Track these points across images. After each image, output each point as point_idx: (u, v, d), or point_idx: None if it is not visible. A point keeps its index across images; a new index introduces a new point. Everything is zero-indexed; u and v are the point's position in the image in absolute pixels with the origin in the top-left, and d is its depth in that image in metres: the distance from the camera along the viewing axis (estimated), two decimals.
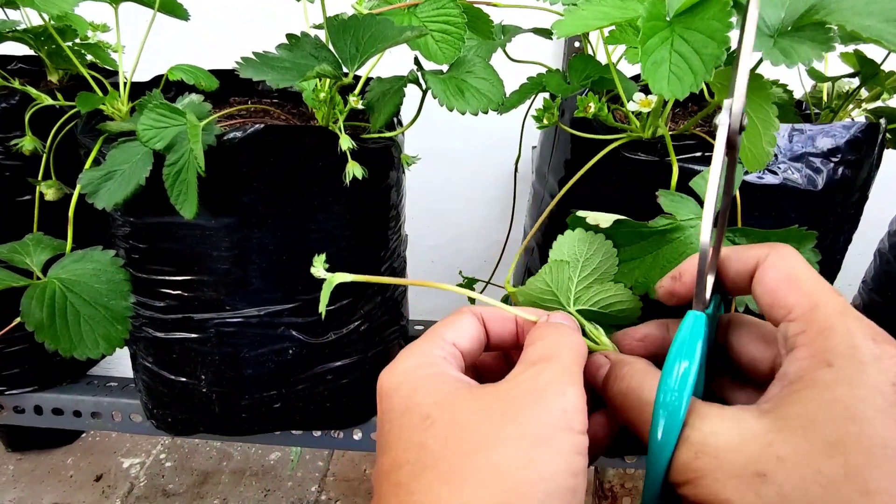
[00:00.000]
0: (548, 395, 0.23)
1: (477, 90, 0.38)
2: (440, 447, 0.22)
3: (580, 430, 0.22)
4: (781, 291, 0.23)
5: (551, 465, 0.21)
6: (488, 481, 0.21)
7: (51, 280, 0.40)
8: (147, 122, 0.39)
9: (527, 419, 0.22)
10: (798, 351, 0.21)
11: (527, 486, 0.21)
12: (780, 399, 0.21)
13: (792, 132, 0.41)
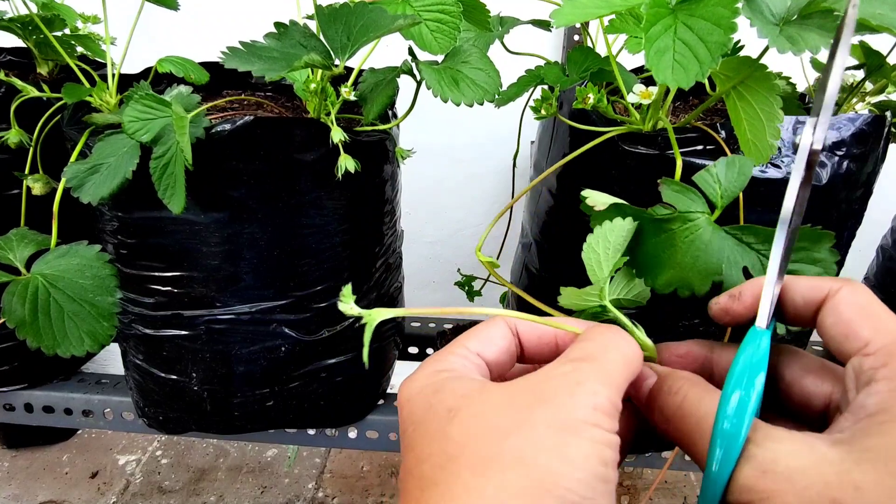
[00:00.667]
0: (579, 390, 0.22)
1: (472, 81, 0.37)
2: (465, 436, 0.22)
3: (609, 430, 0.22)
4: (857, 324, 0.23)
5: (581, 450, 0.21)
6: (516, 466, 0.20)
7: (34, 276, 0.39)
8: (133, 113, 0.38)
9: (556, 407, 0.22)
10: (878, 384, 0.21)
11: (557, 470, 0.20)
12: (858, 430, 0.20)
13: (796, 125, 0.40)
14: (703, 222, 0.34)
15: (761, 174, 0.39)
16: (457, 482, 0.21)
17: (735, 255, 0.35)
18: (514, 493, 0.20)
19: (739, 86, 0.36)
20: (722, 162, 0.36)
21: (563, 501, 0.20)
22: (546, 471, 0.20)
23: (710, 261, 0.32)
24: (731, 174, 0.36)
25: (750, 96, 0.35)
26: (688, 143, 0.40)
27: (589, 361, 0.24)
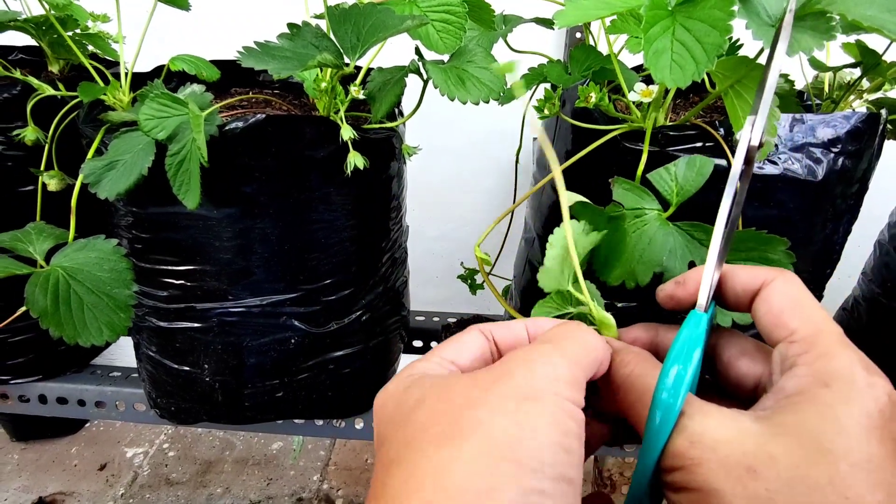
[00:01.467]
0: (538, 363, 0.23)
1: (478, 79, 0.38)
2: (429, 417, 0.22)
3: (570, 399, 0.22)
4: (787, 314, 0.25)
5: (541, 419, 0.21)
6: (474, 435, 0.21)
7: (54, 268, 0.40)
8: (149, 111, 0.39)
9: (516, 380, 0.22)
10: (798, 369, 0.23)
11: (515, 436, 0.21)
12: (778, 408, 0.22)
13: (793, 122, 0.41)
14: (651, 218, 0.36)
15: (758, 170, 0.40)
16: (418, 457, 0.21)
17: (684, 251, 0.37)
18: (471, 459, 0.20)
19: (737, 84, 0.37)
20: (683, 160, 0.38)
21: (521, 468, 0.20)
22: (504, 438, 0.21)
23: (654, 254, 0.34)
24: (689, 173, 0.37)
25: (747, 94, 0.37)
26: (687, 140, 0.41)
27: (548, 342, 0.25)
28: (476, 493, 0.19)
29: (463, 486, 0.20)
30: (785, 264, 0.36)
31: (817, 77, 0.57)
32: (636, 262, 0.34)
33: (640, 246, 0.34)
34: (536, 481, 0.20)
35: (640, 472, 0.24)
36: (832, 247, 0.47)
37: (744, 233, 0.36)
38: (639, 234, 0.35)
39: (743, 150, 0.26)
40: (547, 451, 0.21)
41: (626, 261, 0.34)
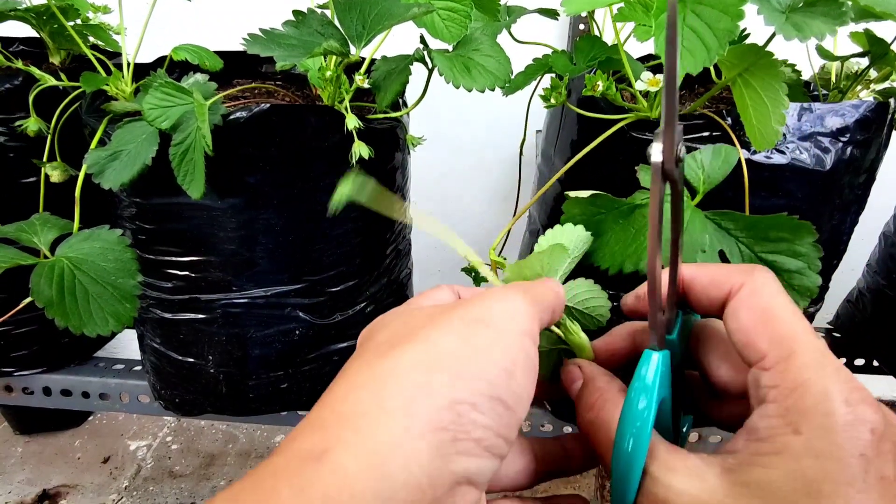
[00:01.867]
0: (496, 296, 0.23)
1: (483, 67, 0.38)
2: (386, 337, 0.23)
3: (523, 331, 0.22)
4: (755, 333, 0.22)
5: (486, 340, 0.21)
6: (421, 346, 0.21)
7: (59, 258, 0.40)
8: (152, 101, 0.39)
9: (471, 308, 0.23)
10: (768, 407, 0.21)
11: (455, 351, 0.21)
12: (745, 459, 0.21)
13: (801, 111, 0.41)
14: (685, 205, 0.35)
15: (766, 160, 0.40)
16: (363, 366, 0.21)
17: (713, 239, 0.36)
18: (410, 365, 0.20)
19: (745, 73, 0.37)
20: (708, 149, 0.37)
21: (457, 378, 0.20)
22: (447, 351, 0.21)
23: (696, 238, 0.34)
24: (715, 161, 0.37)
25: (755, 83, 0.36)
26: (694, 129, 0.41)
27: (510, 287, 0.25)
28: (405, 398, 0.19)
29: (394, 391, 0.20)
30: (813, 259, 0.36)
31: (824, 67, 0.57)
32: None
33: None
34: (468, 394, 0.20)
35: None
36: (839, 237, 0.46)
37: (772, 218, 0.35)
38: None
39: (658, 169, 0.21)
40: (486, 369, 0.21)
41: (668, 244, 0.33)
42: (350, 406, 0.20)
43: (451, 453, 0.19)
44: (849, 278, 0.72)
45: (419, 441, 0.19)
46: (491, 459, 0.20)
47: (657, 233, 0.22)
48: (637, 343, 0.29)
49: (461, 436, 0.19)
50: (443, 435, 0.19)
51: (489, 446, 0.20)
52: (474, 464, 0.20)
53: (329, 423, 0.20)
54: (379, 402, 0.20)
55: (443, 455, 0.19)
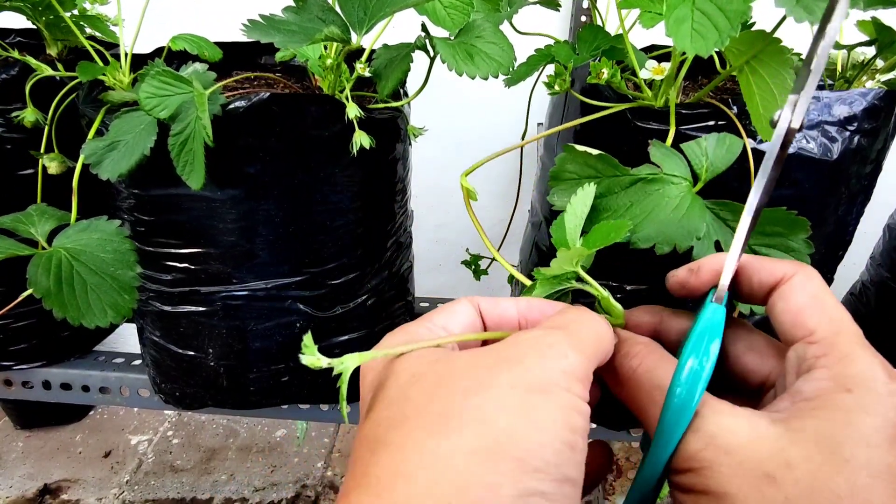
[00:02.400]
0: (549, 353, 0.22)
1: (486, 55, 0.37)
2: (424, 398, 0.20)
3: (580, 396, 0.21)
4: (806, 313, 0.24)
5: (548, 413, 0.20)
6: (474, 426, 0.19)
7: (56, 249, 0.40)
8: (150, 89, 0.39)
9: (524, 369, 0.21)
10: (817, 372, 0.22)
11: (518, 432, 0.19)
12: (795, 412, 0.21)
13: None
14: (685, 188, 0.35)
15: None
16: (409, 442, 0.19)
17: (710, 229, 0.36)
18: (468, 452, 0.18)
19: (752, 60, 0.36)
20: (713, 137, 0.37)
21: (524, 466, 0.18)
22: (507, 432, 0.19)
23: (694, 222, 0.33)
24: (720, 150, 0.37)
25: (763, 70, 0.36)
26: (699, 118, 0.40)
27: (560, 329, 0.23)
28: (471, 491, 0.18)
29: (457, 481, 0.18)
30: (803, 255, 0.36)
31: (829, 57, 0.56)
32: (675, 227, 0.33)
33: (679, 212, 0.33)
34: (537, 482, 0.18)
35: (649, 470, 0.23)
36: (845, 228, 0.46)
37: (772, 212, 0.35)
38: (677, 198, 0.34)
39: (782, 132, 0.24)
40: (551, 450, 0.19)
41: (665, 223, 0.33)
42: (405, 499, 0.18)
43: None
44: (852, 272, 0.72)
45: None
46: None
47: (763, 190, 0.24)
48: (663, 322, 0.29)
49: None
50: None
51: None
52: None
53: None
54: (439, 496, 0.18)
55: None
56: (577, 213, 0.33)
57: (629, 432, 0.57)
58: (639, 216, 0.33)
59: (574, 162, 0.36)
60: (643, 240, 0.33)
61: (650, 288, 0.46)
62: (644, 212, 0.33)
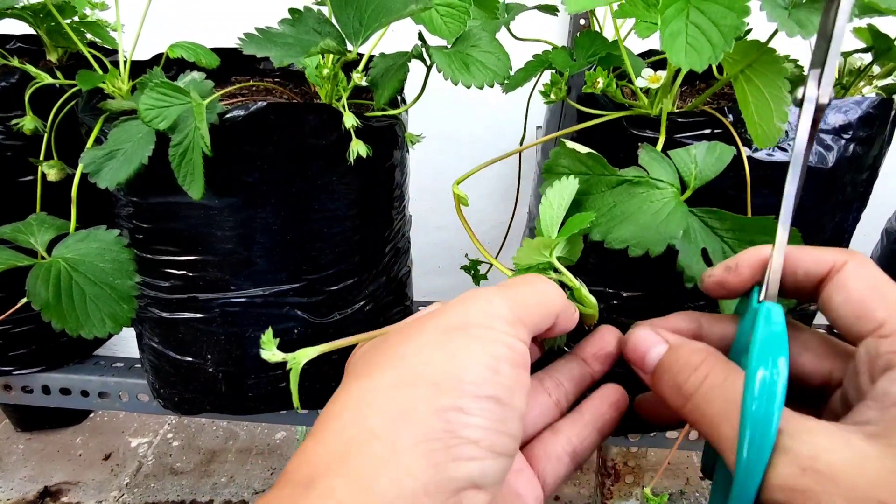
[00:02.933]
0: (473, 300, 0.23)
1: (482, 64, 0.37)
2: (364, 360, 0.23)
3: (504, 331, 0.22)
4: (870, 304, 0.21)
5: (464, 344, 0.21)
6: (397, 365, 0.21)
7: (55, 259, 0.40)
8: (149, 101, 0.39)
9: (447, 315, 0.22)
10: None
11: (434, 362, 0.21)
12: (890, 422, 0.19)
13: None
14: (670, 194, 0.35)
15: (768, 157, 0.40)
16: (341, 392, 0.22)
17: (697, 236, 0.36)
18: (389, 386, 0.20)
19: (747, 69, 0.36)
20: (703, 145, 0.37)
21: (439, 388, 0.20)
22: (424, 364, 0.21)
23: (671, 227, 0.33)
24: (709, 158, 0.37)
25: (757, 79, 0.36)
26: (695, 126, 0.40)
27: (497, 287, 0.24)
28: (388, 418, 0.19)
29: (376, 411, 0.20)
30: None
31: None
32: (651, 230, 0.33)
33: (657, 216, 0.34)
34: (453, 399, 0.20)
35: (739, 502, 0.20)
36: (841, 235, 0.46)
37: (758, 220, 0.35)
38: (658, 203, 0.34)
39: (810, 109, 0.22)
40: (467, 371, 0.20)
41: (641, 226, 0.33)
42: (334, 434, 0.20)
43: (447, 461, 0.19)
44: None
45: (408, 455, 0.18)
46: (495, 459, 0.20)
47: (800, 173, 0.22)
48: (702, 328, 0.27)
49: (454, 442, 0.19)
50: (434, 445, 0.19)
51: (490, 445, 0.20)
52: (476, 467, 0.19)
53: (316, 453, 0.20)
54: (361, 425, 0.20)
55: (437, 464, 0.19)
56: (553, 205, 0.33)
57: (626, 437, 0.57)
58: (619, 217, 0.33)
59: (566, 157, 0.36)
60: (617, 240, 0.33)
61: (647, 294, 0.46)
62: (625, 213, 0.34)
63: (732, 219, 0.36)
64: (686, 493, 0.99)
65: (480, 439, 0.19)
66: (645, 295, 0.46)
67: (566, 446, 0.27)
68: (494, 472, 0.20)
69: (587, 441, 0.28)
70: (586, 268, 0.47)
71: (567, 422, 0.28)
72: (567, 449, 0.27)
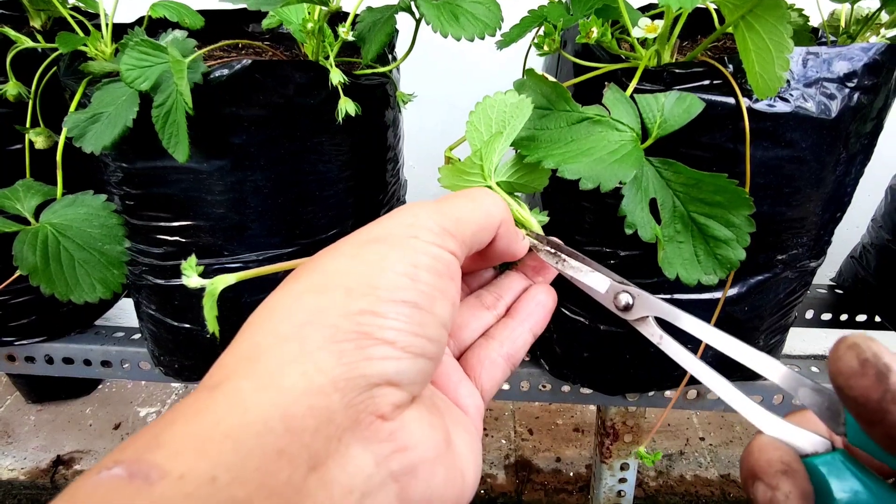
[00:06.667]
0: (398, 214, 0.23)
1: (472, 15, 0.36)
2: (299, 269, 0.22)
3: (427, 241, 0.22)
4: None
5: (380, 252, 0.21)
6: (311, 274, 0.21)
7: (42, 225, 0.39)
8: (130, 61, 0.38)
9: (370, 229, 0.22)
10: None
11: (347, 269, 0.20)
12: None
13: (806, 56, 0.39)
14: (628, 136, 0.35)
15: (769, 108, 0.39)
16: (261, 306, 0.21)
17: (649, 184, 0.35)
18: (301, 292, 0.20)
19: (748, 15, 0.35)
20: (673, 94, 0.36)
21: (351, 293, 0.20)
22: (338, 271, 0.20)
23: (624, 168, 0.33)
24: (677, 109, 0.36)
25: (759, 26, 0.34)
26: (694, 77, 0.39)
27: (430, 201, 0.24)
28: (298, 322, 0.19)
29: (286, 316, 0.20)
30: (743, 234, 0.35)
31: (833, 13, 0.54)
32: (605, 168, 0.33)
33: (613, 156, 0.33)
34: (365, 303, 0.19)
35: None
36: (844, 189, 0.45)
37: (716, 177, 0.35)
38: (616, 145, 0.34)
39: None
40: (381, 277, 0.20)
41: (595, 161, 0.33)
42: (244, 341, 0.20)
43: (359, 359, 0.19)
44: (853, 234, 0.71)
45: (317, 353, 0.18)
46: (413, 360, 0.20)
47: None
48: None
49: (367, 342, 0.19)
50: (344, 345, 0.19)
51: (406, 346, 0.20)
52: (391, 365, 0.19)
53: (227, 360, 0.20)
54: (272, 330, 0.19)
55: (348, 362, 0.19)
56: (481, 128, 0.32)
57: (624, 397, 0.57)
58: (575, 151, 0.33)
59: (531, 88, 0.35)
60: (570, 171, 0.33)
61: (644, 252, 0.45)
62: (581, 149, 0.33)
63: (687, 172, 0.35)
64: (686, 454, 1.01)
65: (395, 340, 0.19)
66: (642, 253, 0.45)
67: (499, 349, 0.27)
68: (411, 372, 0.20)
69: (519, 341, 0.28)
70: (583, 227, 0.47)
71: (499, 326, 0.29)
72: (501, 352, 0.27)
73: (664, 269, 0.36)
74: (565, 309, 0.51)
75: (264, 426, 0.17)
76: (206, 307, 0.23)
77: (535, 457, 1.01)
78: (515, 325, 0.28)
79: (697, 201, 0.35)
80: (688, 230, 0.36)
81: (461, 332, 0.28)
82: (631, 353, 0.51)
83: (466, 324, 0.28)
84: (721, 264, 0.36)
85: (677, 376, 0.52)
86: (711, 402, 0.59)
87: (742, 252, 0.36)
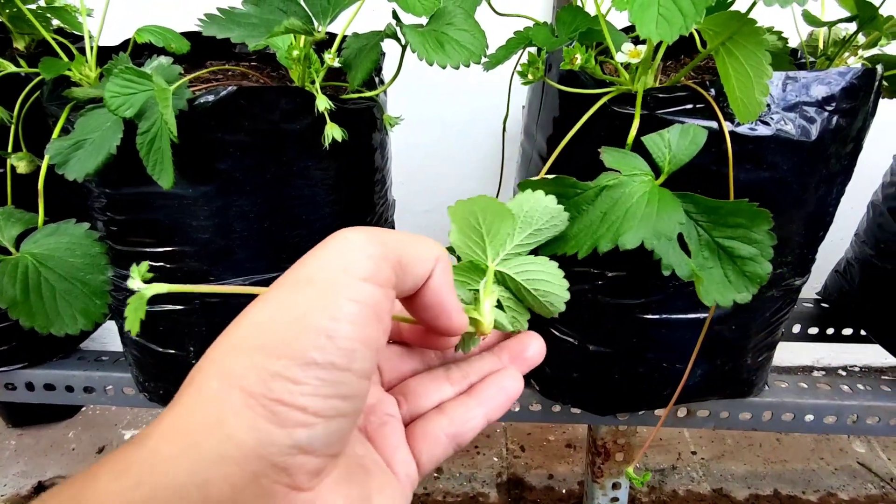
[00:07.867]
0: (324, 244, 0.22)
1: (457, 42, 0.36)
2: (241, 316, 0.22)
3: (356, 278, 0.20)
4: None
5: (306, 300, 0.20)
6: (240, 328, 0.20)
7: (23, 255, 0.39)
8: (114, 88, 0.38)
9: (298, 264, 0.21)
10: None
11: (268, 328, 0.20)
12: None
13: (786, 80, 0.39)
14: (647, 182, 0.35)
15: (751, 132, 0.39)
16: (213, 347, 0.21)
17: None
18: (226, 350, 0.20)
19: (728, 42, 0.35)
20: (676, 128, 0.36)
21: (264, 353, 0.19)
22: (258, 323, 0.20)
23: (670, 214, 0.33)
24: (682, 141, 0.36)
25: (738, 52, 0.35)
26: (677, 102, 0.39)
27: (363, 227, 0.23)
28: (219, 384, 0.19)
29: (210, 376, 0.20)
30: (766, 247, 0.36)
31: (812, 34, 0.56)
32: (653, 221, 0.32)
33: (651, 206, 0.33)
34: (281, 366, 0.19)
35: None
36: (825, 209, 0.46)
37: (734, 204, 0.35)
38: (640, 195, 0.34)
39: None
40: (299, 336, 0.19)
41: (645, 220, 0.32)
42: (182, 394, 0.20)
43: (272, 427, 0.19)
44: (837, 248, 0.72)
45: (233, 420, 0.18)
46: (326, 422, 0.19)
47: None
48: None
49: (278, 409, 0.19)
50: (258, 410, 0.19)
51: (318, 410, 0.19)
52: (303, 434, 0.19)
53: (164, 414, 0.20)
54: (202, 386, 0.20)
55: (259, 430, 0.18)
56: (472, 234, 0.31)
57: (615, 416, 0.57)
58: (616, 222, 0.33)
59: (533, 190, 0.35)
60: (632, 241, 0.32)
61: (630, 274, 0.45)
62: (619, 217, 0.33)
63: (705, 202, 0.36)
64: (678, 468, 1.01)
65: (307, 406, 0.19)
66: (628, 274, 0.45)
67: (447, 428, 0.27)
68: (325, 435, 0.19)
69: (469, 423, 0.27)
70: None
71: (454, 403, 0.28)
72: (448, 431, 0.27)
73: (703, 298, 0.36)
74: (555, 329, 0.51)
75: (182, 493, 0.17)
76: (130, 308, 0.22)
77: (528, 474, 1.00)
78: (472, 406, 0.27)
79: (720, 226, 0.35)
80: (714, 255, 0.37)
81: (418, 400, 0.28)
82: (620, 373, 0.51)
83: (426, 393, 0.28)
84: (751, 280, 0.36)
85: (667, 395, 0.52)
86: (702, 420, 0.59)
87: (768, 265, 0.36)
